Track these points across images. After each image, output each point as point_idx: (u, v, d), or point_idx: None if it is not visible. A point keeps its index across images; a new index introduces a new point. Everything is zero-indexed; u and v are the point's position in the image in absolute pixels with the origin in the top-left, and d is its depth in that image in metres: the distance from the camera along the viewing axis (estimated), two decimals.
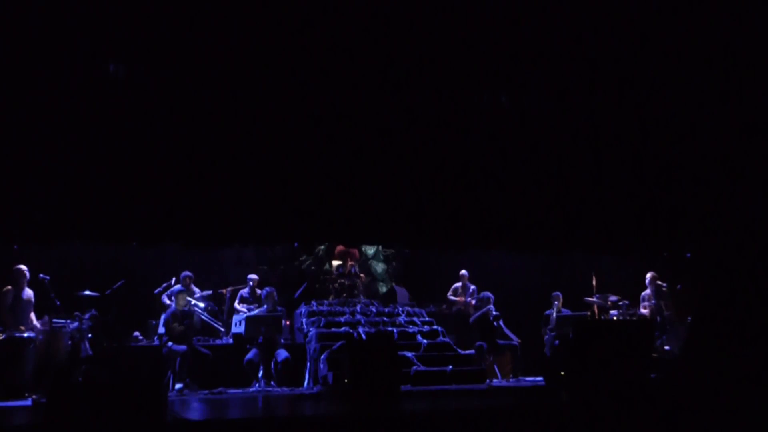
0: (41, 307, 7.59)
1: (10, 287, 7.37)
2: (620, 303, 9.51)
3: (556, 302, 9.57)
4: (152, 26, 5.64)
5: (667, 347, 8.87)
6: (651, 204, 7.62)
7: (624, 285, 9.95)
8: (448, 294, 10.32)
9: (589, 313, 9.78)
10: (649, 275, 9.58)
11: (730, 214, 7.00)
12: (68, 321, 7.42)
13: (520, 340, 9.18)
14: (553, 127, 6.97)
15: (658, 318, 9.22)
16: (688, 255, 8.79)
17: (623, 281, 10.08)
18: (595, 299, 9.70)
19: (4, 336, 7.00)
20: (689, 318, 8.51)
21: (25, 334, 7.15)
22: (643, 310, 9.51)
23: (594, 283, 9.78)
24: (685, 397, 5.02)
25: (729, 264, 5.99)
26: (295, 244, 10.43)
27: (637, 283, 9.71)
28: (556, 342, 8.55)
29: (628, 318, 9.31)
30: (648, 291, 9.58)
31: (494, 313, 9.06)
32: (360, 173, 6.77)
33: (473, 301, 10.03)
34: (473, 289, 10.18)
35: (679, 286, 9.39)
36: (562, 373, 6.66)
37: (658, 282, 9.47)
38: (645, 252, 8.46)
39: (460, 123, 6.79)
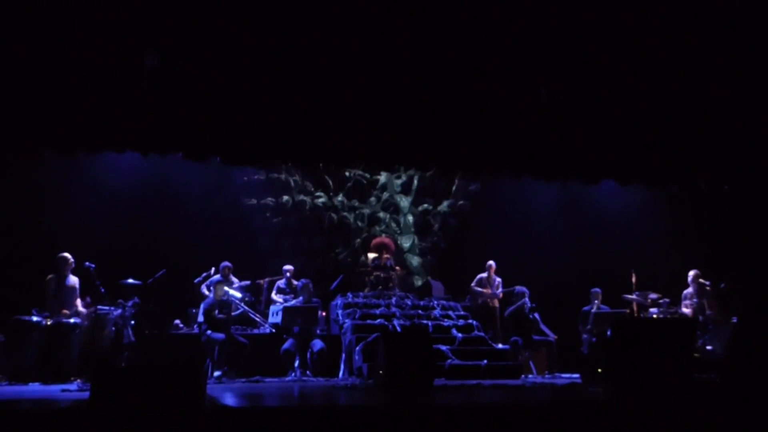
0: (86, 294, 7.83)
1: (53, 275, 7.59)
2: (661, 301, 9.31)
3: (595, 300, 9.41)
4: None
5: (709, 347, 8.64)
6: (688, 134, 7.38)
7: (665, 282, 9.73)
8: (472, 284, 10.17)
9: (628, 311, 9.60)
10: (691, 273, 9.35)
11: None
12: (112, 308, 7.63)
13: (556, 336, 9.07)
14: (581, 55, 6.82)
15: (701, 317, 8.99)
16: (726, 188, 8.38)
17: (665, 279, 9.87)
18: (634, 296, 9.51)
19: (51, 321, 7.24)
20: (733, 318, 8.27)
21: (71, 320, 7.38)
22: (684, 309, 9.29)
23: (634, 280, 9.58)
24: (729, 399, 4.89)
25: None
26: (320, 165, 10.41)
27: (679, 281, 9.49)
28: (594, 339, 8.43)
29: (668, 316, 9.11)
30: (690, 289, 9.35)
31: (530, 304, 8.93)
32: (390, 96, 6.78)
33: (500, 294, 9.94)
34: (498, 282, 10.08)
35: (722, 285, 9.14)
36: (600, 370, 6.56)
37: (701, 280, 9.23)
38: (679, 183, 8.14)
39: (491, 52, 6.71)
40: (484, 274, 10.16)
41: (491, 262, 10.17)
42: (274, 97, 6.53)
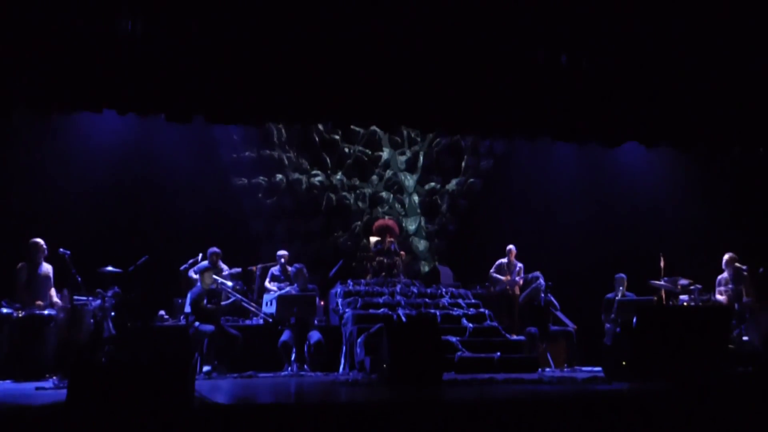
0: (62, 283, 7.84)
1: (24, 263, 7.59)
2: (692, 287, 9.29)
3: (620, 286, 9.39)
4: None
5: (746, 338, 8.65)
6: (721, 89, 7.29)
7: (697, 267, 9.71)
8: (491, 271, 10.22)
9: (655, 298, 9.60)
10: (726, 256, 9.32)
11: None
12: (90, 298, 7.63)
13: (576, 326, 9.08)
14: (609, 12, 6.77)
15: (736, 305, 8.99)
16: (763, 150, 8.26)
17: (696, 263, 9.85)
18: (662, 282, 9.50)
19: (23, 313, 7.26)
20: None
21: (45, 312, 7.38)
22: (718, 296, 9.29)
23: (662, 264, 9.57)
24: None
25: None
26: (328, 125, 10.67)
27: (713, 265, 9.47)
28: (618, 329, 8.44)
29: (700, 304, 9.11)
30: (725, 274, 9.33)
31: (544, 283, 8.90)
32: (395, 48, 6.71)
33: (520, 281, 9.95)
34: (520, 267, 10.09)
35: (761, 269, 9.11)
36: (624, 363, 6.58)
37: (737, 264, 9.21)
38: (711, 145, 8.05)
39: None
40: (504, 260, 10.17)
41: (511, 246, 10.17)
42: (263, 45, 6.40)
